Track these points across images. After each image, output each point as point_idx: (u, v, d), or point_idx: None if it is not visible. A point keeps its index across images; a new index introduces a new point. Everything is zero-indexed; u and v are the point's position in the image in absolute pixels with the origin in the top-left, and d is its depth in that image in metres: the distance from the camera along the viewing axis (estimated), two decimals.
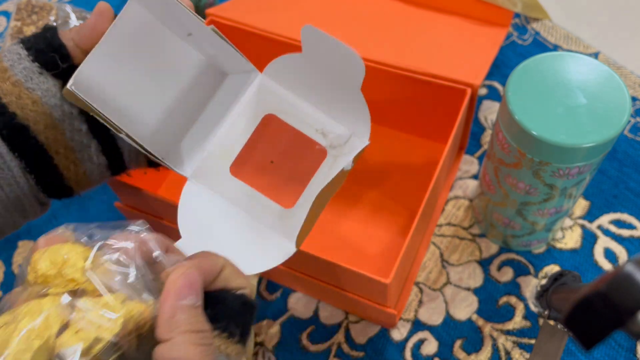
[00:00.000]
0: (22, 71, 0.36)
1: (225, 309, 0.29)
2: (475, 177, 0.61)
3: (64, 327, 0.26)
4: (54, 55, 0.37)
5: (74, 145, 0.38)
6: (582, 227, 0.57)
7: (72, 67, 0.37)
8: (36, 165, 0.37)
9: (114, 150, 0.40)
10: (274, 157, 0.43)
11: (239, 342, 0.29)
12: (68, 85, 0.35)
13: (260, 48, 0.62)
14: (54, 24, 0.57)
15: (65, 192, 0.40)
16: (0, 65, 0.37)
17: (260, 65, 0.42)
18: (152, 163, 0.43)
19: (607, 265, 0.55)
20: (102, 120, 0.36)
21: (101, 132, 0.39)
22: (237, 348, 0.29)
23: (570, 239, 0.57)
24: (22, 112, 0.36)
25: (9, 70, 0.37)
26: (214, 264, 0.30)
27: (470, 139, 0.63)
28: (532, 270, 0.55)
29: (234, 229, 0.40)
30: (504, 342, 0.52)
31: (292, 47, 0.59)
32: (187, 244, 0.34)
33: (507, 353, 0.51)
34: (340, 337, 0.54)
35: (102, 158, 0.40)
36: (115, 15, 0.37)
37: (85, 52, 0.37)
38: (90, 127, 0.39)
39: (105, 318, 0.26)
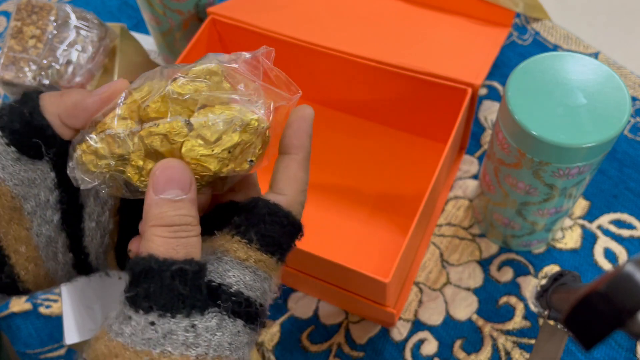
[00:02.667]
0: None
1: (248, 215, 0.28)
2: (475, 177, 0.61)
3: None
4: (36, 141, 0.29)
5: (39, 241, 0.31)
6: (582, 227, 0.57)
7: (60, 149, 0.30)
8: None
9: (80, 247, 0.33)
10: None
11: (261, 250, 0.28)
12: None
13: (260, 47, 0.62)
14: (74, 50, 0.56)
15: (19, 293, 0.32)
16: None
17: None
18: (123, 265, 0.36)
19: (607, 265, 0.55)
20: None
21: (72, 222, 0.32)
22: (257, 255, 0.28)
23: (570, 239, 0.57)
24: None
25: None
26: (290, 143, 0.30)
27: (470, 139, 0.63)
28: (532, 270, 0.55)
29: None
30: (504, 342, 0.52)
31: (292, 46, 0.59)
32: None
33: (507, 353, 0.51)
34: (340, 337, 0.54)
35: (69, 255, 0.32)
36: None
37: (74, 130, 0.30)
38: (63, 216, 0.31)
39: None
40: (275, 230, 0.29)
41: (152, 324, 0.25)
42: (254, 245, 0.28)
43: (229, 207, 0.32)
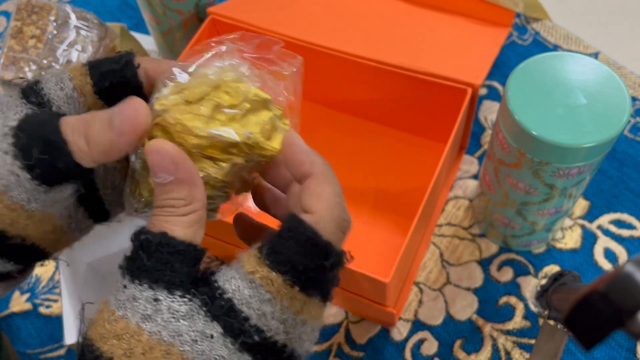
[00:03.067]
0: (21, 194, 0.28)
1: (278, 243, 0.26)
2: (475, 177, 0.61)
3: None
4: (67, 179, 0.29)
5: (64, 225, 0.32)
6: (582, 227, 0.57)
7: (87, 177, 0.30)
8: (10, 254, 0.30)
9: (93, 196, 0.33)
10: None
11: (274, 270, 0.26)
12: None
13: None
14: (74, 50, 0.56)
15: (41, 257, 0.32)
16: None
17: None
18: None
19: (607, 265, 0.55)
20: None
21: (91, 196, 0.32)
22: (267, 273, 0.26)
23: (570, 239, 0.57)
24: (16, 231, 0.29)
25: (3, 193, 0.28)
26: (302, 162, 0.28)
27: (470, 139, 0.63)
28: (532, 270, 0.55)
29: None
30: (504, 342, 0.52)
31: (292, 45, 0.59)
32: None
33: (507, 353, 0.51)
34: (340, 337, 0.54)
35: (80, 209, 0.32)
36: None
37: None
38: (87, 209, 0.32)
39: None
40: (290, 247, 0.26)
41: (125, 287, 0.26)
42: (263, 259, 0.26)
43: None
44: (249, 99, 0.29)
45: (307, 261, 0.26)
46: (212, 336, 0.25)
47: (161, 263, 0.26)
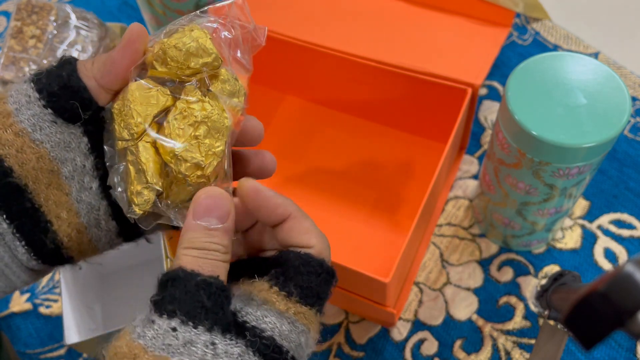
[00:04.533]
0: (29, 119, 0.29)
1: (284, 267, 0.29)
2: (475, 177, 0.61)
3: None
4: (73, 102, 0.29)
5: (80, 208, 0.31)
6: (582, 227, 0.57)
7: (94, 114, 0.30)
8: (29, 231, 0.30)
9: (123, 214, 0.33)
10: None
11: (300, 302, 0.28)
12: None
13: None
14: (74, 50, 0.56)
15: (65, 261, 0.33)
16: (3, 107, 0.30)
17: (260, 63, 0.42)
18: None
19: (607, 265, 0.55)
20: None
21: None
22: (297, 307, 0.28)
23: (570, 239, 0.57)
24: (20, 168, 0.29)
25: (13, 115, 0.29)
26: (277, 206, 0.30)
27: (470, 139, 0.63)
28: (532, 270, 0.55)
29: None
30: (504, 342, 0.52)
31: (293, 45, 0.59)
32: None
33: (507, 353, 0.51)
34: (340, 337, 0.54)
35: (112, 223, 0.33)
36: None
37: (112, 93, 0.30)
38: (102, 184, 0.31)
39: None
40: (312, 281, 0.29)
41: (174, 329, 0.25)
42: (293, 297, 0.28)
43: (258, 261, 0.32)
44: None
45: (327, 289, 0.30)
46: None
47: (217, 306, 0.26)
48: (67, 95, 0.29)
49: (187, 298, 0.25)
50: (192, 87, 0.29)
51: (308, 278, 0.29)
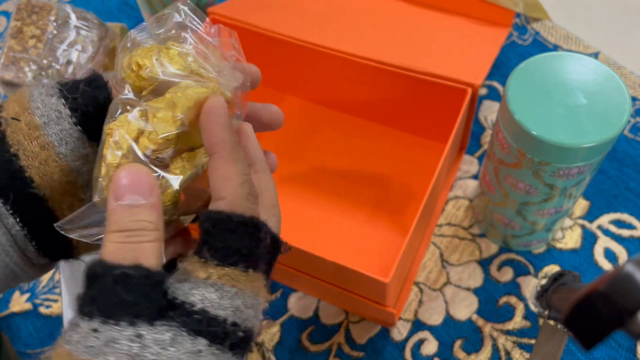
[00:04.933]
0: (57, 133, 0.30)
1: (200, 232, 0.27)
2: (475, 177, 0.61)
3: (141, 134, 0.28)
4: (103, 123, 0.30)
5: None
6: (582, 227, 0.57)
7: None
8: (42, 234, 0.31)
9: None
10: None
11: (221, 265, 0.27)
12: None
13: (261, 46, 0.62)
14: (74, 50, 0.56)
15: (73, 257, 0.34)
16: (31, 119, 0.30)
17: (260, 63, 0.42)
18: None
19: (607, 265, 0.55)
20: None
21: None
22: (219, 271, 0.26)
23: (570, 239, 0.57)
24: (41, 180, 0.30)
25: (41, 128, 0.30)
26: (212, 134, 0.28)
27: (470, 139, 0.63)
28: (532, 270, 0.55)
29: None
30: (504, 342, 0.52)
31: (292, 45, 0.59)
32: None
33: (507, 353, 0.51)
34: (340, 337, 0.54)
35: None
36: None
37: None
38: None
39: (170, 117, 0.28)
40: (227, 239, 0.27)
41: (95, 330, 0.24)
42: (210, 262, 0.26)
43: None
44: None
45: (250, 243, 0.27)
46: (200, 351, 0.25)
47: (140, 296, 0.25)
48: (101, 117, 0.30)
49: (105, 296, 0.24)
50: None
51: (220, 237, 0.27)
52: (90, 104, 0.30)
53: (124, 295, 0.24)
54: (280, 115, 0.35)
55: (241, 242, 0.27)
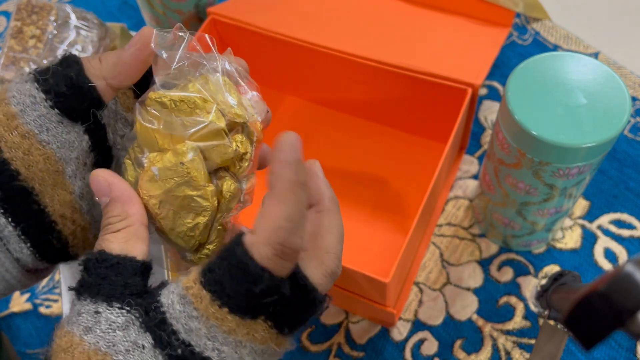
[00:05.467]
0: (35, 120, 0.29)
1: (215, 263, 0.27)
2: (475, 177, 0.61)
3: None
4: (83, 103, 0.29)
5: (82, 205, 0.31)
6: (582, 227, 0.57)
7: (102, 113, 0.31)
8: (35, 233, 0.30)
9: None
10: None
11: (230, 311, 0.26)
12: None
13: (261, 46, 0.62)
14: (74, 50, 0.56)
15: (70, 259, 0.33)
16: (7, 109, 0.29)
17: (260, 63, 0.42)
18: None
19: (607, 265, 0.55)
20: None
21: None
22: (222, 314, 0.26)
23: (570, 239, 0.57)
24: (27, 171, 0.29)
25: (19, 117, 0.29)
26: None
27: (470, 139, 0.63)
28: (532, 270, 0.55)
29: None
30: (504, 342, 0.52)
31: (292, 45, 0.59)
32: None
33: (507, 353, 0.51)
34: (340, 337, 0.54)
35: None
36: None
37: (115, 91, 0.31)
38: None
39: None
40: (222, 267, 0.26)
41: (73, 304, 0.28)
42: (199, 276, 0.26)
43: None
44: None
45: (236, 285, 0.25)
46: (143, 347, 0.26)
47: (100, 278, 0.27)
48: (75, 95, 0.29)
49: (76, 277, 0.28)
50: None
51: (221, 264, 0.26)
52: (62, 82, 0.29)
53: (85, 276, 0.28)
54: (269, 115, 0.35)
55: (230, 281, 0.25)
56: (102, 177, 0.29)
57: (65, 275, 0.50)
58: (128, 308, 0.26)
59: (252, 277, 0.25)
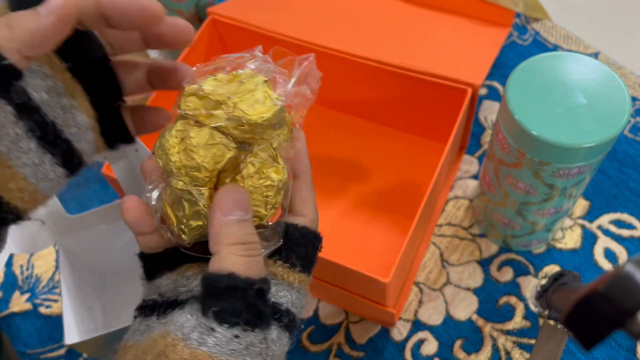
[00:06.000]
0: None
1: (286, 241, 0.32)
2: (475, 177, 0.61)
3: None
4: None
5: (25, 171, 0.30)
6: (582, 227, 0.57)
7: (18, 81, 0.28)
8: None
9: (70, 153, 0.32)
10: None
11: (302, 271, 0.32)
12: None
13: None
14: None
15: (23, 219, 0.32)
16: None
17: None
18: (111, 144, 0.35)
19: (607, 265, 0.55)
20: None
21: (51, 140, 0.30)
22: (300, 276, 0.32)
23: (570, 239, 0.57)
24: None
25: None
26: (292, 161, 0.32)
27: (470, 139, 0.63)
28: (532, 270, 0.55)
29: None
30: (504, 342, 0.52)
31: (293, 46, 0.59)
32: None
33: (507, 353, 0.51)
34: (340, 337, 0.54)
35: (60, 170, 0.31)
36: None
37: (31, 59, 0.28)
38: (41, 140, 0.30)
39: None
40: (309, 252, 0.33)
41: (237, 337, 0.27)
42: (297, 268, 0.32)
43: None
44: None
45: (312, 254, 0.33)
46: (287, 343, 0.31)
47: (269, 307, 0.30)
48: None
49: (248, 309, 0.28)
50: (265, 148, 0.30)
51: (306, 250, 0.32)
52: None
53: (262, 307, 0.28)
54: (188, 30, 0.34)
55: (316, 255, 0.33)
56: (244, 194, 0.30)
57: (66, 275, 0.50)
58: (276, 323, 0.30)
59: (318, 243, 0.34)
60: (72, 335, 0.46)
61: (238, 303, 0.27)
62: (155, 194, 0.31)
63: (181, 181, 0.29)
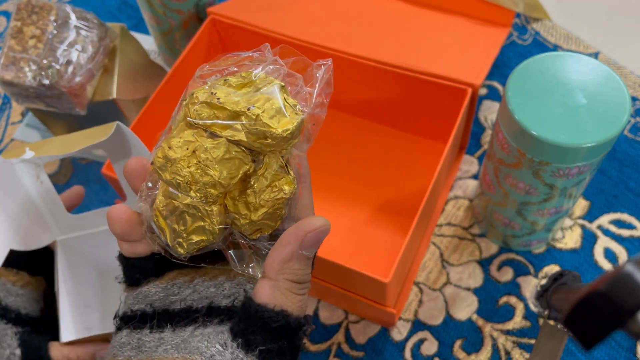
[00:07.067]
0: None
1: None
2: (475, 177, 0.61)
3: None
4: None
5: None
6: (582, 227, 0.57)
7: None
8: None
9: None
10: None
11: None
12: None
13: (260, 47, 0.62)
14: (74, 50, 0.56)
15: None
16: None
17: None
18: None
19: (607, 265, 0.55)
20: None
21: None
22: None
23: (570, 239, 0.57)
24: None
25: None
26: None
27: (470, 139, 0.63)
28: (532, 270, 0.55)
29: None
30: (504, 342, 0.52)
31: (292, 45, 0.58)
32: None
33: (507, 353, 0.51)
34: (340, 337, 0.54)
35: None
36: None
37: None
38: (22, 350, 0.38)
39: None
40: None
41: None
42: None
43: None
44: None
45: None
46: None
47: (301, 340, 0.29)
48: None
49: (292, 350, 0.27)
50: (275, 157, 0.28)
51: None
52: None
53: (302, 347, 0.30)
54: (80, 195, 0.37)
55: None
56: (324, 237, 0.28)
57: (64, 273, 0.50)
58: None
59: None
60: (68, 333, 0.46)
61: (286, 344, 0.27)
62: (145, 205, 0.29)
63: (189, 197, 0.27)
